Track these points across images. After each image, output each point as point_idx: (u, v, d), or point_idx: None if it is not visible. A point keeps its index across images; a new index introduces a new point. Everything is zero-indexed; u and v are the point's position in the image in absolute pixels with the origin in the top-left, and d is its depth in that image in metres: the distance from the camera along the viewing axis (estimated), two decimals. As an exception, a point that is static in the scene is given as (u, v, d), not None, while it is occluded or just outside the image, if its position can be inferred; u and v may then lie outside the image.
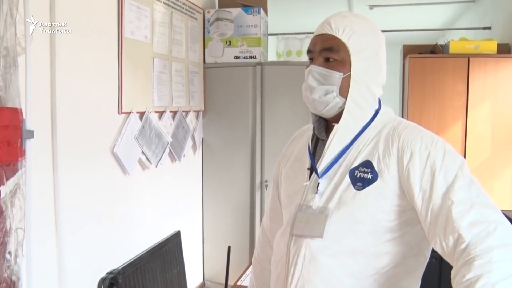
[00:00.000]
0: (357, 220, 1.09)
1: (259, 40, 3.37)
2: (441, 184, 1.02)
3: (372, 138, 1.15)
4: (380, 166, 1.09)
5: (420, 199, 1.04)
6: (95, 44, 2.15)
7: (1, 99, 1.18)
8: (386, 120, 1.18)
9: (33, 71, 1.72)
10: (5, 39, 1.19)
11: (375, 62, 1.16)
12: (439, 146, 1.07)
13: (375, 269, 1.10)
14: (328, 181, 1.14)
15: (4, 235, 1.17)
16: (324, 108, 1.16)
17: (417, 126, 1.15)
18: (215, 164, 3.56)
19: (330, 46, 1.13)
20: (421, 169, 1.05)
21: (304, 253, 1.12)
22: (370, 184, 1.08)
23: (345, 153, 1.15)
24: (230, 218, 3.54)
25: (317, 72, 1.14)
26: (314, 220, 1.12)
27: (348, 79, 1.13)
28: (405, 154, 1.07)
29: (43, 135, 1.81)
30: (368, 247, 1.09)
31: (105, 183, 2.28)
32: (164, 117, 2.85)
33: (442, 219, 1.00)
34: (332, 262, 1.10)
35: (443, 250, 1.00)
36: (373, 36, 1.17)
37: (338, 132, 1.14)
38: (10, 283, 1.14)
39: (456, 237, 0.97)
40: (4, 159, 1.06)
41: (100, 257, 2.24)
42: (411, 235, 1.11)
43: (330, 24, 1.14)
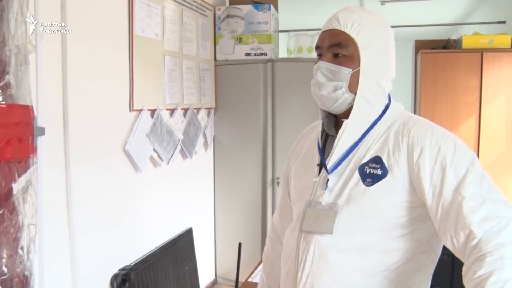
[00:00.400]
0: (367, 216, 1.08)
1: (270, 37, 3.36)
2: (452, 179, 1.01)
3: (382, 133, 1.13)
4: (390, 162, 1.08)
5: (430, 194, 1.02)
6: (106, 42, 2.17)
7: (13, 96, 1.19)
8: (396, 116, 1.16)
9: (44, 69, 1.73)
10: (16, 38, 1.19)
11: (385, 57, 1.15)
12: (450, 141, 1.06)
13: (385, 266, 1.09)
14: (338, 177, 1.14)
15: (16, 231, 1.18)
16: (333, 105, 1.15)
17: (428, 121, 1.13)
18: (226, 161, 3.57)
19: (338, 42, 1.12)
20: (432, 164, 1.03)
21: (314, 249, 1.11)
22: (379, 180, 1.07)
23: (354, 149, 1.14)
24: (241, 215, 3.54)
25: (325, 68, 1.13)
26: (323, 216, 1.12)
27: (357, 75, 1.12)
28: (415, 150, 1.06)
29: (55, 133, 1.83)
30: (378, 244, 1.08)
31: (117, 180, 2.29)
32: (176, 115, 2.86)
33: (452, 215, 0.98)
34: (342, 258, 1.09)
35: (454, 246, 0.99)
36: (382, 30, 1.15)
37: (348, 127, 1.14)
38: (23, 278, 1.16)
39: (467, 233, 0.95)
40: (16, 156, 1.07)
41: (112, 254, 2.26)
42: (421, 231, 1.09)
43: (338, 19, 1.13)
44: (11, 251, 1.17)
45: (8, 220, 1.17)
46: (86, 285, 2.03)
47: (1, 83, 1.16)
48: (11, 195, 1.17)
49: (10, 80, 1.18)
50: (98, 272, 2.14)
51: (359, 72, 1.11)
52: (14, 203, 1.17)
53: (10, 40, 1.20)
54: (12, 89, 1.18)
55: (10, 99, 1.17)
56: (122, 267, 2.32)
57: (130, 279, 2.31)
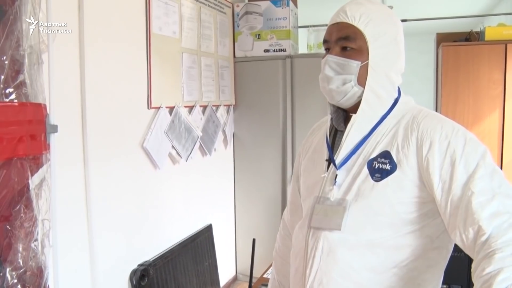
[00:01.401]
0: (376, 212, 1.07)
1: (289, 33, 3.34)
2: (462, 174, 0.98)
3: (391, 128, 1.11)
4: (399, 157, 1.06)
5: (439, 190, 1.00)
6: (123, 40, 2.20)
7: (27, 95, 1.22)
8: (406, 109, 1.14)
9: (62, 67, 1.77)
10: (29, 38, 1.22)
11: (393, 49, 1.13)
12: (460, 134, 1.03)
13: (394, 262, 1.07)
14: (347, 173, 1.12)
15: (32, 226, 1.21)
16: (342, 98, 1.13)
17: (438, 115, 1.11)
18: (246, 158, 3.57)
19: (346, 35, 1.10)
20: (441, 159, 1.01)
21: (322, 245, 1.10)
22: (388, 175, 1.06)
23: (363, 143, 1.13)
24: (261, 211, 3.54)
25: (333, 61, 1.12)
26: (332, 212, 1.11)
27: (366, 68, 1.10)
28: (425, 144, 1.04)
29: (74, 130, 1.87)
30: (387, 240, 1.07)
31: (136, 177, 2.32)
32: (194, 112, 2.88)
33: (462, 210, 0.96)
34: (351, 255, 1.08)
35: (463, 243, 0.96)
36: (390, 23, 1.13)
37: (356, 122, 1.12)
38: (37, 272, 1.19)
39: (476, 229, 0.93)
40: (28, 153, 1.10)
41: (131, 250, 2.29)
42: (431, 227, 1.07)
43: (345, 12, 1.11)
44: (26, 245, 1.21)
45: (24, 215, 1.20)
46: (105, 280, 2.07)
47: (16, 82, 1.19)
48: (27, 190, 1.20)
49: (24, 79, 1.21)
50: (117, 268, 2.18)
51: (367, 65, 1.10)
52: (29, 198, 1.20)
53: (24, 40, 1.22)
54: (26, 88, 1.21)
55: (24, 98, 1.20)
56: (141, 263, 2.35)
57: (149, 274, 2.34)
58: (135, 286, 2.27)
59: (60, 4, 1.78)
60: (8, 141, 1.04)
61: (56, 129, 1.21)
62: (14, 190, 1.09)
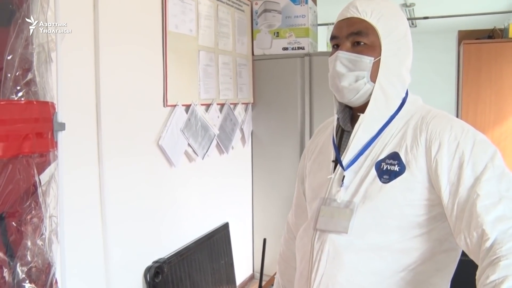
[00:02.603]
0: (383, 215, 1.04)
1: (308, 31, 3.31)
2: (469, 176, 0.95)
3: (400, 128, 1.08)
4: (408, 158, 1.03)
5: (447, 192, 0.97)
6: (139, 39, 2.20)
7: (36, 93, 1.23)
8: (414, 110, 1.11)
9: (77, 65, 1.79)
10: (38, 36, 1.23)
11: (404, 45, 1.10)
12: (470, 136, 1.00)
13: (402, 266, 1.04)
14: (354, 174, 1.10)
15: (39, 222, 1.22)
16: (354, 96, 1.10)
17: (447, 115, 1.07)
18: (265, 156, 3.55)
19: (358, 30, 1.07)
20: (449, 160, 0.98)
21: (328, 249, 1.08)
22: (397, 177, 1.03)
23: (371, 144, 1.10)
24: (279, 210, 3.52)
25: (345, 57, 1.09)
26: (338, 215, 1.08)
27: (378, 64, 1.07)
28: (433, 145, 1.00)
29: (88, 128, 1.89)
30: (395, 243, 1.04)
31: (151, 174, 2.33)
32: (211, 110, 2.87)
33: (467, 213, 0.92)
34: (357, 258, 1.06)
35: (467, 247, 0.93)
36: (400, 19, 1.11)
37: (364, 122, 1.09)
38: (43, 268, 1.20)
39: (480, 233, 0.89)
40: (34, 150, 1.11)
41: (146, 247, 2.31)
42: (440, 230, 1.04)
43: (356, 7, 1.08)
44: (34, 241, 1.22)
45: (32, 212, 1.21)
46: (119, 276, 2.08)
47: (24, 80, 1.20)
48: (34, 187, 1.21)
49: (33, 77, 1.22)
50: (131, 264, 2.19)
51: (379, 61, 1.07)
52: (37, 195, 1.21)
53: (33, 39, 1.23)
54: (35, 86, 1.22)
55: (33, 96, 1.21)
56: (155, 260, 2.36)
57: (163, 271, 2.35)
58: (149, 283, 2.28)
59: (76, 3, 1.79)
60: (14, 139, 1.05)
61: (64, 127, 1.22)
62: (20, 186, 1.10)
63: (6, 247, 1.20)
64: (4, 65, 1.14)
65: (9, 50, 1.16)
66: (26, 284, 1.22)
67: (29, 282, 1.22)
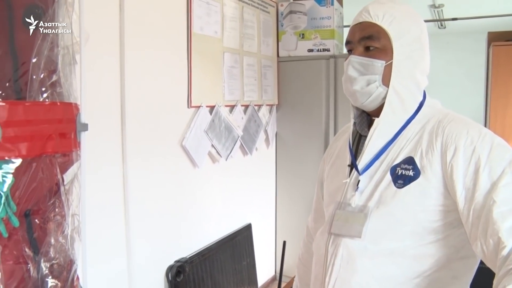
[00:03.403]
0: (397, 220, 1.03)
1: (333, 32, 3.29)
2: (485, 182, 0.92)
3: (416, 133, 1.07)
4: (423, 163, 1.02)
5: (462, 198, 0.95)
6: (164, 40, 2.24)
7: (61, 94, 1.26)
8: (432, 113, 1.09)
9: (102, 67, 1.83)
10: (64, 39, 1.27)
11: (418, 48, 1.09)
12: (487, 140, 0.97)
13: (416, 273, 1.03)
14: (369, 179, 1.09)
15: (62, 220, 1.26)
16: (366, 100, 1.10)
17: (465, 119, 1.05)
18: (289, 158, 3.55)
19: (370, 34, 1.07)
20: (465, 165, 0.96)
21: (342, 253, 1.08)
22: (411, 182, 1.02)
23: (387, 149, 1.09)
24: (303, 212, 3.51)
25: (357, 62, 1.09)
26: (353, 219, 1.08)
27: (390, 68, 1.06)
28: (449, 149, 0.99)
29: (113, 129, 1.93)
30: (409, 249, 1.03)
31: (174, 174, 2.37)
32: (235, 111, 2.89)
33: (483, 220, 0.90)
34: (371, 264, 1.05)
35: (484, 254, 0.91)
36: (414, 21, 1.09)
37: (379, 126, 1.08)
38: (65, 264, 1.23)
39: (496, 240, 0.87)
40: (57, 150, 1.14)
41: (168, 246, 2.34)
42: (457, 237, 1.02)
43: (368, 11, 1.08)
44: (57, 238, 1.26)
45: (55, 210, 1.25)
46: (141, 275, 2.12)
47: (50, 81, 1.24)
48: (57, 186, 1.24)
49: (58, 79, 1.26)
50: (153, 263, 2.23)
51: (392, 64, 1.06)
52: (60, 194, 1.25)
53: (59, 41, 1.27)
54: (59, 87, 1.26)
55: (58, 97, 1.24)
56: (177, 259, 2.40)
57: (185, 271, 2.38)
58: (171, 282, 2.31)
59: (102, 4, 1.84)
60: (38, 139, 1.09)
61: (86, 127, 1.25)
62: (43, 185, 1.14)
63: (31, 243, 1.24)
64: (30, 67, 1.17)
65: (35, 53, 1.20)
66: (49, 279, 1.26)
67: (52, 277, 1.26)
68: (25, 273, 1.21)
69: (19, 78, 1.14)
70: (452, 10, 4.45)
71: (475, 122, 1.05)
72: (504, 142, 0.99)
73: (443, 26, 5.34)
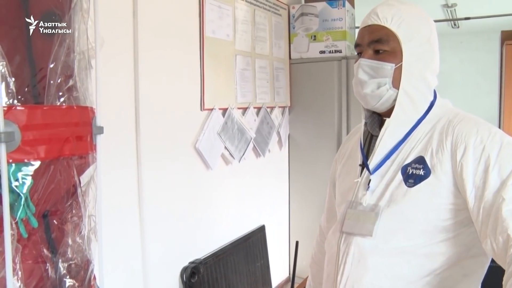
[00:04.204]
0: (408, 219, 1.04)
1: (345, 34, 3.30)
2: (495, 180, 0.93)
3: (427, 132, 1.08)
4: (433, 162, 1.03)
5: (472, 196, 0.96)
6: (177, 44, 2.27)
7: (77, 98, 1.30)
8: (442, 113, 1.10)
9: (116, 71, 1.87)
10: (80, 44, 1.30)
11: (428, 49, 1.09)
12: (496, 139, 0.98)
13: (427, 271, 1.04)
14: (380, 178, 1.10)
15: (79, 221, 1.29)
16: (377, 103, 1.11)
17: (475, 118, 1.06)
18: (302, 159, 3.56)
19: (379, 37, 1.08)
20: (475, 164, 0.97)
21: (353, 251, 1.09)
22: (422, 181, 1.03)
23: (398, 149, 1.10)
24: (316, 213, 3.51)
25: (367, 65, 1.10)
26: (364, 218, 1.09)
27: (400, 70, 1.07)
28: (459, 149, 1.00)
29: (128, 131, 1.96)
30: (420, 248, 1.04)
31: (188, 176, 2.39)
32: (248, 113, 2.91)
33: (492, 218, 0.91)
34: (382, 262, 1.06)
35: (494, 252, 0.92)
36: (424, 22, 1.10)
37: (390, 127, 1.10)
38: (82, 264, 1.26)
39: (505, 237, 0.88)
40: (74, 152, 1.17)
41: (183, 248, 2.36)
42: (467, 235, 1.03)
43: (377, 14, 1.09)
44: (74, 239, 1.29)
45: (72, 211, 1.28)
46: (156, 275, 2.15)
47: (66, 86, 1.27)
48: (74, 188, 1.28)
49: (74, 83, 1.29)
50: (168, 264, 2.26)
51: (402, 67, 1.07)
52: (77, 195, 1.28)
53: (75, 47, 1.31)
54: (76, 91, 1.29)
55: (74, 101, 1.28)
56: (192, 260, 2.42)
57: (199, 272, 2.40)
58: (186, 283, 2.33)
59: (116, 10, 1.88)
60: (56, 142, 1.12)
61: (102, 130, 1.28)
62: (61, 187, 1.17)
63: (49, 244, 1.27)
64: (48, 72, 1.21)
65: (52, 58, 1.23)
66: (67, 279, 1.29)
67: (69, 277, 1.29)
68: (43, 272, 1.24)
69: (37, 83, 1.17)
70: (465, 9, 4.42)
71: (485, 121, 1.05)
72: None
73: (456, 26, 5.31)
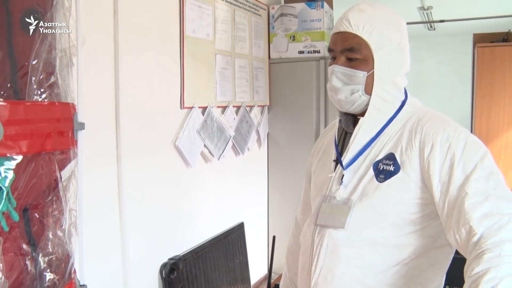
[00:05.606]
0: (378, 212, 1.10)
1: (323, 34, 3.36)
2: (459, 176, 1.00)
3: (398, 130, 1.14)
4: (403, 158, 1.09)
5: (438, 191, 1.02)
6: (157, 43, 2.29)
7: (58, 95, 1.32)
8: (412, 111, 1.16)
9: (97, 69, 1.89)
10: (61, 42, 1.32)
11: (398, 55, 1.15)
12: (462, 137, 1.05)
13: (397, 261, 1.10)
14: (353, 173, 1.16)
15: (60, 215, 1.31)
16: (351, 107, 1.17)
17: (442, 117, 1.12)
18: (280, 157, 3.61)
19: (351, 46, 1.13)
20: (441, 161, 1.03)
21: (327, 243, 1.15)
22: (392, 176, 1.09)
23: (370, 145, 1.16)
24: (294, 211, 3.53)
25: (340, 72, 1.15)
26: (337, 211, 1.15)
27: (372, 76, 1.13)
28: (426, 146, 1.06)
29: (108, 128, 1.98)
30: (390, 239, 1.10)
31: (168, 174, 2.42)
32: (227, 112, 2.95)
33: (456, 211, 0.98)
34: (354, 252, 1.12)
35: (457, 243, 0.98)
36: (394, 27, 1.15)
37: (363, 125, 1.15)
38: (63, 258, 1.28)
39: (468, 229, 0.94)
40: (56, 147, 1.20)
41: (162, 244, 2.39)
42: (434, 227, 1.09)
43: (349, 21, 1.14)
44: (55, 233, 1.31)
45: (53, 205, 1.30)
46: (136, 271, 2.17)
47: (47, 83, 1.29)
48: (56, 182, 1.30)
49: (56, 80, 1.31)
50: (147, 260, 2.28)
51: (373, 73, 1.12)
52: (58, 190, 1.30)
53: (56, 44, 1.33)
54: (57, 88, 1.31)
55: (55, 97, 1.30)
56: (171, 257, 2.45)
57: (178, 268, 2.43)
58: (165, 279, 2.36)
59: (96, 9, 1.89)
60: (37, 137, 1.14)
61: (83, 126, 1.31)
62: (42, 181, 1.19)
63: (29, 238, 1.29)
64: (30, 69, 1.22)
65: (34, 55, 1.25)
66: (48, 273, 1.31)
67: (50, 271, 1.31)
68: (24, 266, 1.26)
69: (19, 79, 1.19)
70: (440, 12, 4.53)
71: (452, 120, 1.12)
72: (477, 140, 1.06)
73: (432, 28, 5.43)
